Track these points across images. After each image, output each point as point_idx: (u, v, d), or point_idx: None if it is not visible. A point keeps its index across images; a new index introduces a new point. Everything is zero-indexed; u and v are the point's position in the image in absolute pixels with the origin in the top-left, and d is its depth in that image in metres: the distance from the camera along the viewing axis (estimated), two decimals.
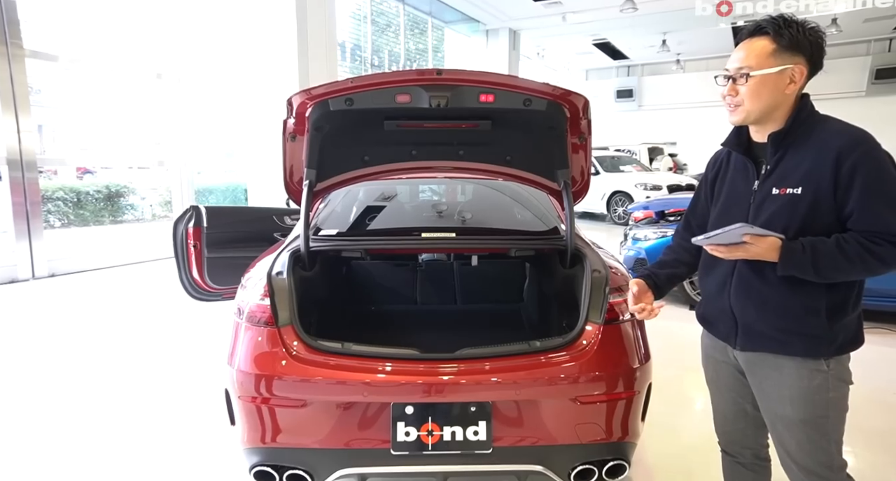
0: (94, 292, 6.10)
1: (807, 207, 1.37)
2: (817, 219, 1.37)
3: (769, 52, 1.40)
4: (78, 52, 8.84)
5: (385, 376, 1.79)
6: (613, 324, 1.91)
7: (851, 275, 1.38)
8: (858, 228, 1.34)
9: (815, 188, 1.36)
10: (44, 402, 3.20)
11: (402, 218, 3.18)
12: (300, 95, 2.05)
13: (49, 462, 2.55)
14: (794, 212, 1.39)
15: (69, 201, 11.57)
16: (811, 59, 1.40)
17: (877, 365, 3.74)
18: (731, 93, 1.46)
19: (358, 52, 12.17)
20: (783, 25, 1.39)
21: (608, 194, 11.87)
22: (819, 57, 1.41)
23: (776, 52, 1.39)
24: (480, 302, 3.18)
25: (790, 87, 1.40)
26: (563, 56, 20.34)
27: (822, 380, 1.41)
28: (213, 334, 4.33)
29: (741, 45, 1.46)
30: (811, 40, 1.39)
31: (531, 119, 2.11)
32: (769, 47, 1.40)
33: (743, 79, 1.42)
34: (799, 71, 1.39)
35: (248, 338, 1.88)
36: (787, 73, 1.39)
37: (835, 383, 1.42)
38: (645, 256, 5.32)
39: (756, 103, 1.42)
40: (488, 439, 1.77)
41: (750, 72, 1.41)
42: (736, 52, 1.46)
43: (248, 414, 1.83)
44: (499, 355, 1.84)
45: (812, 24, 1.41)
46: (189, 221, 3.37)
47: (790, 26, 1.39)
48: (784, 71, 1.39)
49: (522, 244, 2.46)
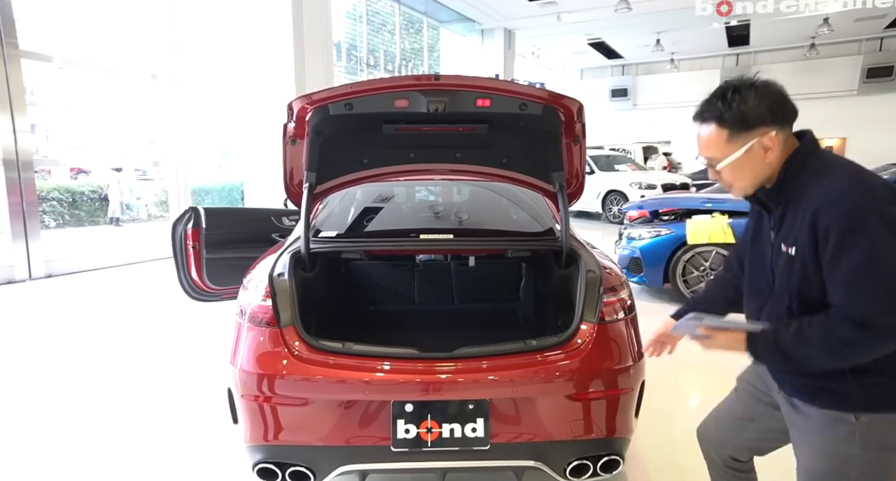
0: (92, 293, 6.11)
1: (800, 269, 1.25)
2: (812, 282, 1.24)
3: (724, 140, 1.30)
4: (72, 52, 8.81)
5: (385, 375, 1.83)
6: (608, 323, 1.96)
7: (831, 362, 1.23)
8: (832, 302, 1.20)
9: (801, 249, 1.24)
10: (43, 403, 3.22)
11: (400, 219, 3.21)
12: (300, 100, 2.09)
13: (50, 463, 2.57)
14: (793, 273, 1.28)
15: (64, 201, 11.54)
16: (774, 119, 1.26)
17: None
18: (714, 177, 1.38)
19: (353, 51, 12.18)
20: (724, 108, 1.28)
21: (603, 193, 11.93)
22: (781, 111, 1.27)
23: (730, 136, 1.29)
24: (477, 302, 3.22)
25: (769, 156, 1.28)
26: (557, 55, 20.40)
27: (845, 432, 1.26)
28: (211, 334, 4.36)
29: (699, 133, 1.35)
30: (763, 104, 1.26)
31: (527, 123, 2.16)
32: (722, 135, 1.29)
33: (720, 170, 1.34)
34: (768, 139, 1.26)
35: (250, 339, 1.92)
36: (755, 147, 1.27)
37: (863, 440, 1.25)
38: (640, 255, 5.37)
39: (743, 181, 1.34)
40: (486, 436, 1.81)
41: (717, 164, 1.33)
42: (698, 139, 1.36)
43: (251, 412, 1.87)
44: (496, 354, 1.89)
45: (757, 81, 1.28)
46: (188, 222, 3.39)
47: (731, 105, 1.26)
48: (751, 148, 1.28)
49: (519, 245, 2.50)
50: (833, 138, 19.64)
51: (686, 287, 5.17)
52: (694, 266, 5.13)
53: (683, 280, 5.18)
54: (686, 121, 6.37)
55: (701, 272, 5.10)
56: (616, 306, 2.00)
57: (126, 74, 9.04)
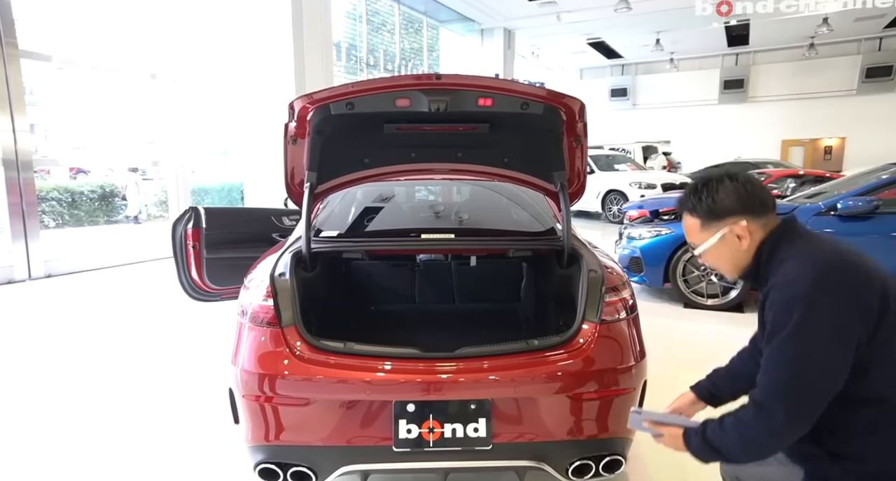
0: (92, 293, 6.10)
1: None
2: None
3: (699, 228, 1.42)
4: (72, 51, 8.81)
5: (386, 375, 1.82)
6: (609, 323, 1.95)
7: (744, 453, 1.25)
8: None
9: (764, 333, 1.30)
10: (44, 403, 3.21)
11: (401, 219, 3.21)
12: (302, 100, 2.08)
13: (51, 463, 2.57)
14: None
15: (63, 201, 11.53)
16: (743, 210, 1.36)
17: None
18: (701, 262, 1.49)
19: (353, 51, 12.18)
20: (695, 201, 1.40)
21: (603, 193, 11.93)
22: (750, 202, 1.36)
23: (703, 224, 1.41)
24: (478, 301, 3.22)
25: (743, 243, 1.37)
26: (557, 55, 20.42)
27: None
28: (212, 334, 4.35)
29: (683, 221, 1.48)
30: (731, 197, 1.36)
31: (528, 122, 2.16)
32: (696, 223, 1.42)
33: (701, 256, 1.45)
34: (739, 228, 1.36)
35: (251, 339, 1.91)
36: (729, 236, 1.38)
37: None
38: (640, 255, 5.37)
39: (724, 266, 1.45)
40: (488, 436, 1.81)
41: (695, 250, 1.46)
42: (682, 226, 1.49)
43: (253, 412, 1.86)
44: (497, 354, 1.88)
45: (728, 177, 1.39)
46: (188, 222, 3.39)
47: (700, 197, 1.39)
48: (724, 236, 1.38)
49: (520, 245, 2.50)
50: (832, 138, 19.67)
51: (686, 286, 5.17)
52: (694, 265, 5.12)
53: (684, 279, 5.18)
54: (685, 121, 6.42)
55: (701, 271, 5.09)
56: (618, 306, 2.00)
57: (125, 74, 9.04)
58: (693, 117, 21.46)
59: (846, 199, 4.49)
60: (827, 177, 8.60)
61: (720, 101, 21.09)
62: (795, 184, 9.28)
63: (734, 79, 20.73)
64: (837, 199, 4.55)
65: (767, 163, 13.93)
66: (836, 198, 4.61)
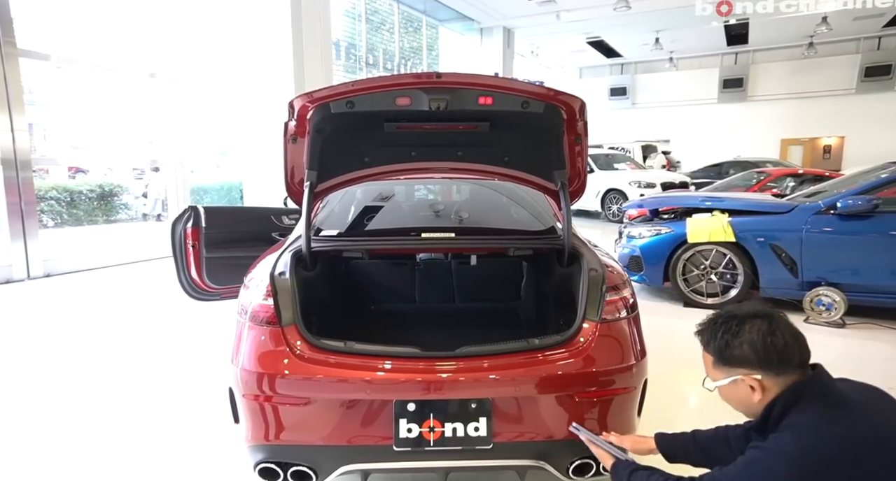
0: (91, 292, 6.10)
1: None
2: None
3: (712, 364, 1.36)
4: (70, 50, 8.79)
5: (387, 374, 1.82)
6: (610, 322, 1.95)
7: None
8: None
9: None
10: (43, 403, 3.21)
11: (401, 218, 3.21)
12: (301, 98, 2.08)
13: (50, 463, 2.56)
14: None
15: (62, 201, 11.52)
16: (758, 364, 1.27)
17: (866, 359, 3.82)
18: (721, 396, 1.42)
19: (352, 50, 12.17)
20: (710, 338, 1.34)
21: (602, 192, 11.93)
22: (766, 358, 1.26)
23: (715, 364, 1.35)
24: (478, 300, 3.22)
25: (756, 396, 1.29)
26: (557, 54, 20.42)
27: None
28: (211, 334, 4.34)
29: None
30: (746, 347, 1.28)
31: (529, 121, 2.15)
32: (709, 359, 1.37)
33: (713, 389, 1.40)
34: (751, 380, 1.28)
35: (251, 338, 1.91)
36: (742, 383, 1.30)
37: None
38: (640, 254, 5.37)
39: (735, 407, 1.39)
40: (489, 435, 1.80)
41: (706, 385, 1.40)
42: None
43: (253, 412, 1.86)
44: (498, 353, 1.88)
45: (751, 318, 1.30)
46: (187, 222, 3.38)
47: (716, 335, 1.32)
48: (736, 381, 1.31)
49: (520, 243, 2.50)
50: (831, 137, 19.68)
51: (686, 285, 5.17)
52: (694, 264, 5.12)
53: (683, 278, 5.18)
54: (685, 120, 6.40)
55: (701, 270, 5.10)
56: (618, 304, 1.99)
57: (124, 73, 9.01)
58: (692, 116, 21.47)
59: (846, 198, 4.48)
60: (826, 177, 8.60)
61: (719, 100, 21.10)
62: (795, 183, 9.28)
63: (733, 78, 20.74)
64: (837, 198, 4.55)
65: (767, 162, 13.94)
66: (835, 197, 4.61)
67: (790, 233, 4.67)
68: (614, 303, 1.99)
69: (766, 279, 4.80)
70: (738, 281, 4.93)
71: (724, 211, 5.07)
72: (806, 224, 4.61)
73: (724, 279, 5.03)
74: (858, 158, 16.59)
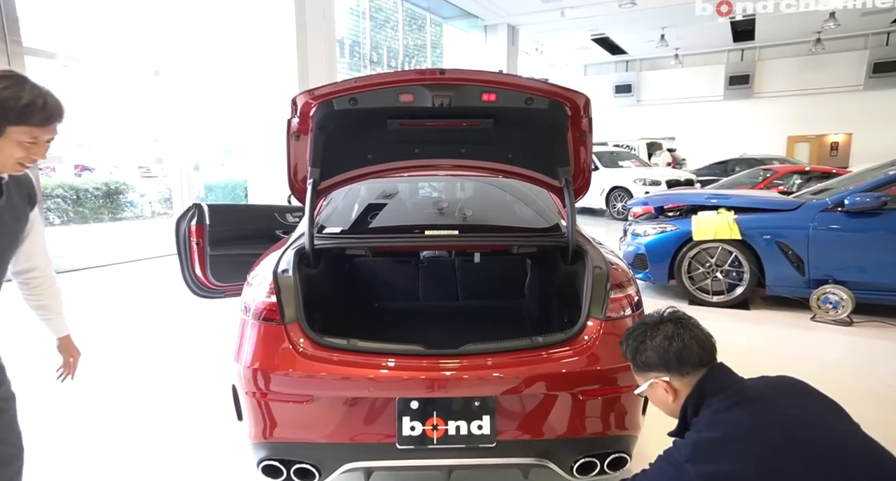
0: (97, 289, 6.12)
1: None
2: None
3: (631, 370, 1.52)
4: (75, 49, 8.80)
5: (390, 372, 1.81)
6: (615, 320, 1.94)
7: None
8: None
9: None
10: (49, 399, 3.22)
11: (404, 215, 3.20)
12: (304, 95, 2.07)
13: (54, 459, 2.58)
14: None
15: (69, 199, 11.57)
16: (664, 369, 1.42)
17: (873, 358, 3.79)
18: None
19: (356, 48, 12.15)
20: (625, 347, 1.49)
21: (607, 190, 11.89)
22: (674, 362, 1.40)
23: (634, 370, 1.50)
24: (482, 298, 3.21)
25: (670, 397, 1.43)
26: (561, 51, 20.33)
27: None
28: (215, 331, 4.36)
29: None
30: (652, 355, 1.42)
31: (533, 117, 2.13)
32: (629, 365, 1.52)
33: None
34: (663, 383, 1.42)
35: (254, 335, 1.91)
36: (657, 387, 1.44)
37: None
38: (644, 252, 5.35)
39: (662, 409, 1.51)
40: (492, 433, 1.80)
41: (636, 390, 1.53)
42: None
43: (256, 409, 1.86)
44: (502, 351, 1.87)
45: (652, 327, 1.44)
46: (192, 219, 3.38)
47: (627, 345, 1.47)
48: (652, 385, 1.46)
49: (524, 241, 2.48)
50: (838, 134, 19.53)
51: (691, 283, 5.15)
52: (699, 262, 5.10)
53: (689, 276, 5.15)
54: (690, 118, 6.36)
55: (706, 268, 5.07)
56: (623, 302, 1.98)
57: (129, 71, 9.04)
58: (698, 113, 21.34)
59: (853, 195, 4.45)
60: (833, 174, 8.54)
61: (725, 97, 20.96)
62: (801, 181, 9.21)
63: (739, 74, 20.58)
64: (844, 195, 4.51)
65: (773, 159, 13.85)
66: (843, 194, 4.57)
67: (797, 231, 4.63)
68: (619, 301, 1.97)
69: (772, 277, 4.76)
70: (744, 279, 4.90)
71: (729, 208, 5.04)
72: (813, 221, 4.58)
73: (729, 277, 5.00)
74: (866, 155, 16.43)
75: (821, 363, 3.55)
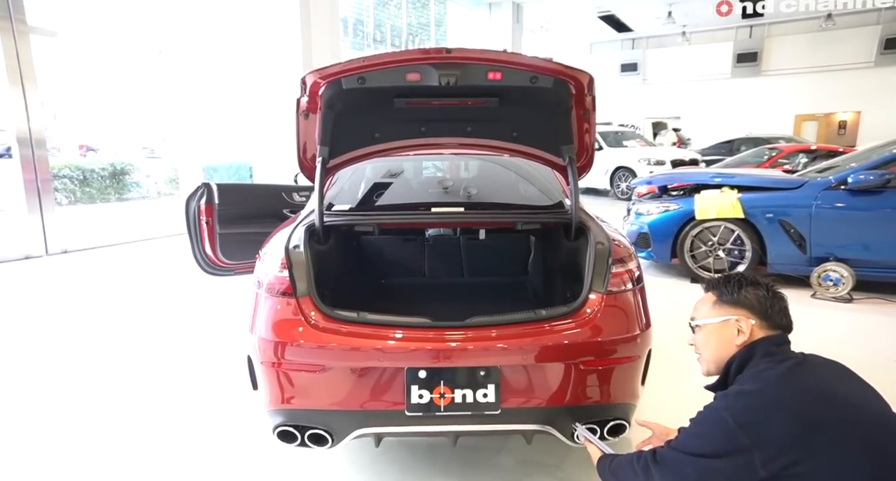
0: (108, 268, 6.23)
1: None
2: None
3: (711, 304, 1.53)
4: (77, 28, 8.76)
5: (398, 343, 1.88)
6: (616, 293, 2.00)
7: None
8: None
9: None
10: (68, 376, 3.33)
11: (410, 194, 3.24)
12: (313, 74, 2.10)
13: (72, 434, 2.68)
14: None
15: (75, 179, 11.64)
16: (757, 312, 1.46)
17: (873, 334, 3.85)
18: (690, 343, 1.61)
19: (360, 26, 12.03)
20: (723, 283, 1.52)
21: (611, 170, 11.85)
22: (767, 308, 1.46)
23: (717, 303, 1.52)
24: (487, 275, 3.27)
25: (739, 338, 1.46)
26: (567, 29, 20.04)
27: None
28: (226, 307, 4.45)
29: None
30: (752, 297, 1.47)
31: (537, 96, 2.16)
32: (711, 299, 1.54)
33: (696, 330, 1.57)
34: (744, 322, 1.45)
35: (268, 308, 1.98)
36: (731, 324, 1.47)
37: None
38: (648, 231, 5.38)
39: (707, 353, 1.54)
40: (497, 401, 1.87)
41: (693, 322, 1.57)
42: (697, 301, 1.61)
43: (271, 378, 1.94)
44: (506, 323, 1.93)
45: (756, 281, 1.50)
46: (201, 198, 3.44)
47: (730, 282, 1.51)
48: (727, 322, 1.48)
49: (528, 218, 2.53)
50: (847, 112, 19.30)
51: (694, 262, 5.20)
52: (702, 241, 5.14)
53: (691, 255, 5.20)
54: (697, 96, 6.31)
55: (709, 247, 5.11)
56: (624, 277, 2.04)
57: (132, 51, 9.02)
58: (705, 92, 21.09)
59: (857, 173, 4.45)
60: (840, 152, 8.49)
61: (733, 75, 20.69)
62: (807, 160, 9.17)
63: (748, 52, 20.27)
64: (848, 173, 4.52)
65: (779, 138, 13.74)
66: (846, 172, 4.58)
67: (800, 209, 4.66)
68: (620, 276, 2.03)
69: (773, 255, 4.80)
70: (746, 257, 4.95)
71: (733, 187, 5.06)
72: (816, 200, 4.60)
73: (731, 255, 5.05)
74: (875, 134, 16.25)
75: (821, 339, 3.61)
